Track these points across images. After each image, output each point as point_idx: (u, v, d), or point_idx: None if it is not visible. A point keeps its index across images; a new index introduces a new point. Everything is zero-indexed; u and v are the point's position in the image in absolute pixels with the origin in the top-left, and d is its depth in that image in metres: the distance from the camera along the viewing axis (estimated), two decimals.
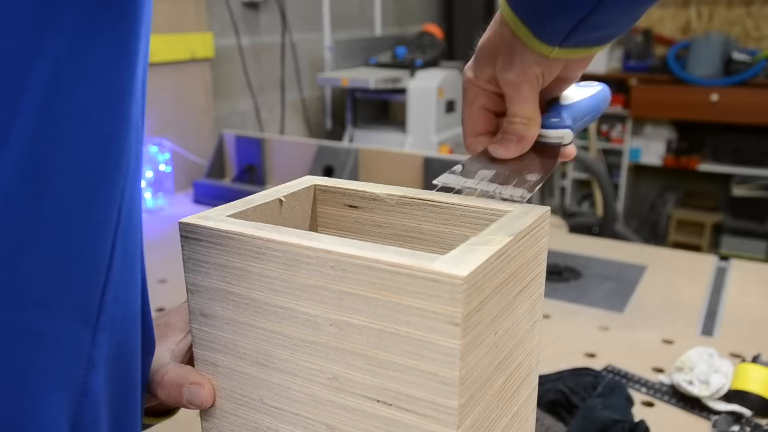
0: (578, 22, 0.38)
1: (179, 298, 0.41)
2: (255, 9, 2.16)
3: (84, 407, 0.30)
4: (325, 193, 0.46)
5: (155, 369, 0.40)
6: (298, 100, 2.39)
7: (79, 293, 0.29)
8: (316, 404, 0.36)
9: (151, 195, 1.70)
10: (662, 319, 1.10)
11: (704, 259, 1.39)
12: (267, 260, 0.35)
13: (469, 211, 0.41)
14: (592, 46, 0.41)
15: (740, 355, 0.96)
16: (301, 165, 1.67)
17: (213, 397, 0.40)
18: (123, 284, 0.32)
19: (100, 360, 0.31)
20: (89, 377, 0.30)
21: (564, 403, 0.84)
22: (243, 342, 0.37)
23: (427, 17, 3.22)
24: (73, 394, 0.29)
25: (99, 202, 0.29)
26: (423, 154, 1.51)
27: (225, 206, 0.40)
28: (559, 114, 0.45)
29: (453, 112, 2.41)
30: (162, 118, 1.81)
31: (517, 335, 0.37)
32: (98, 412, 0.31)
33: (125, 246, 0.32)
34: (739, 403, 0.82)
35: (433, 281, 0.30)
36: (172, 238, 1.48)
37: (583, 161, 2.54)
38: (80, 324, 0.29)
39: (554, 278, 1.28)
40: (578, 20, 0.38)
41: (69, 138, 0.27)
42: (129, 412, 0.35)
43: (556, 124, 0.45)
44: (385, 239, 0.44)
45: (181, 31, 1.83)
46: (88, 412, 0.30)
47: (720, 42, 3.22)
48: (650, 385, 0.90)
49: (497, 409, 0.36)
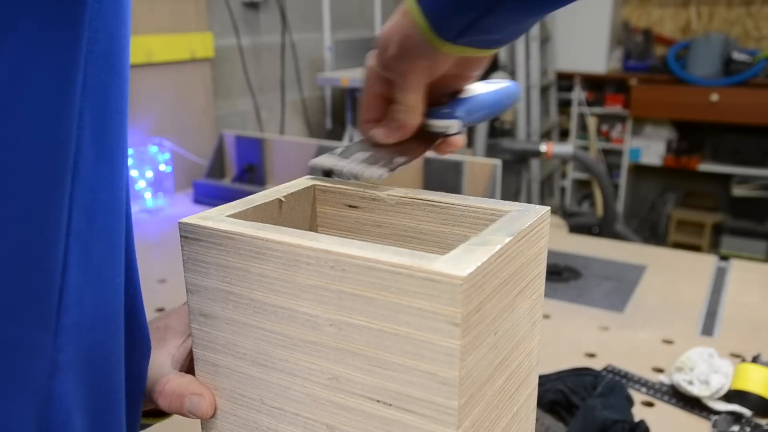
0: (472, 21, 0.41)
1: (179, 298, 0.41)
2: (255, 9, 2.16)
3: (51, 411, 0.30)
4: (325, 193, 0.46)
5: (156, 378, 0.40)
6: (298, 100, 2.39)
7: (33, 297, 0.29)
8: (316, 404, 0.36)
9: (151, 195, 1.70)
10: (662, 319, 1.10)
11: (704, 259, 1.39)
12: (267, 260, 0.35)
13: (469, 211, 0.41)
14: (480, 47, 0.44)
15: (740, 355, 0.96)
16: (301, 165, 1.67)
17: (214, 408, 0.40)
18: (88, 287, 0.32)
19: (66, 364, 0.31)
20: (54, 381, 0.30)
21: (564, 403, 0.84)
22: (243, 342, 0.37)
23: None
24: (37, 398, 0.30)
25: (41, 207, 0.28)
26: None
27: (225, 206, 0.40)
28: (451, 106, 0.48)
29: None
30: (162, 118, 1.81)
31: (517, 335, 0.37)
32: (68, 416, 0.31)
33: (86, 249, 0.31)
34: (739, 403, 0.82)
35: (433, 281, 0.30)
36: (172, 238, 1.48)
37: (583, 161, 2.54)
38: (38, 328, 0.29)
39: (554, 278, 1.28)
40: (472, 20, 0.41)
41: (7, 143, 0.27)
42: (110, 416, 0.35)
43: (444, 114, 0.47)
44: (385, 239, 0.44)
45: (181, 31, 1.83)
46: (56, 415, 0.30)
47: (720, 42, 3.22)
48: (650, 385, 0.90)
49: (497, 409, 0.36)
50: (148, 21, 1.74)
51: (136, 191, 1.68)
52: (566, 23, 3.58)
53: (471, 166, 1.42)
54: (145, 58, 1.72)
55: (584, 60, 3.61)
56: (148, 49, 1.72)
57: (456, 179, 1.42)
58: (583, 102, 3.66)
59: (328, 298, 0.33)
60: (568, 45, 3.62)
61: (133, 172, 1.67)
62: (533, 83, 3.25)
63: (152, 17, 1.75)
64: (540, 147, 2.47)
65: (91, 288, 0.32)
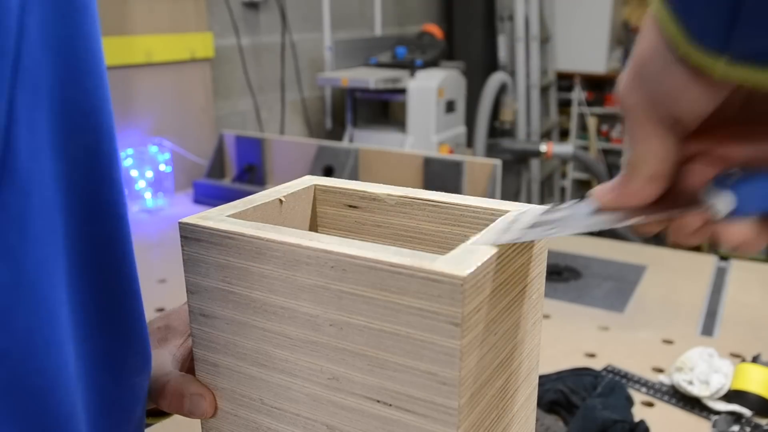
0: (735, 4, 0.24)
1: (179, 298, 0.40)
2: (255, 9, 2.16)
3: None
4: (325, 193, 0.46)
5: (157, 377, 0.40)
6: (298, 100, 2.39)
7: None
8: (316, 404, 0.36)
9: (151, 195, 1.70)
10: (662, 319, 1.10)
11: (704, 259, 1.39)
12: (267, 260, 0.35)
13: (469, 211, 0.41)
14: None
15: (740, 355, 0.96)
16: (301, 165, 1.67)
17: (214, 408, 0.39)
18: (8, 311, 0.27)
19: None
20: None
21: (564, 403, 0.84)
22: (243, 342, 0.37)
23: (427, 17, 3.22)
24: None
25: None
26: (423, 154, 1.51)
27: (225, 206, 0.40)
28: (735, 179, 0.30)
29: (453, 112, 2.41)
30: (162, 118, 1.81)
31: (517, 335, 0.37)
32: None
33: (15, 265, 0.27)
34: (739, 403, 0.82)
35: (433, 281, 0.30)
36: (172, 238, 1.48)
37: (583, 161, 2.54)
38: None
39: (554, 278, 1.28)
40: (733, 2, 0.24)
41: None
42: None
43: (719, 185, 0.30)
44: (385, 239, 0.44)
45: (181, 31, 1.83)
46: None
47: None
48: (650, 385, 0.90)
49: (497, 409, 0.36)
50: (148, 21, 1.74)
51: (136, 191, 1.68)
52: (566, 23, 3.59)
53: (471, 166, 1.42)
54: (145, 58, 1.72)
55: (584, 60, 3.61)
56: (148, 49, 1.73)
57: (456, 179, 1.42)
58: (583, 102, 3.66)
59: (328, 298, 0.33)
60: (568, 45, 3.62)
61: (133, 172, 1.67)
62: (533, 83, 3.25)
63: (152, 17, 1.75)
64: (540, 147, 2.47)
65: (14, 312, 0.28)
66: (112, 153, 0.33)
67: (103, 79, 0.32)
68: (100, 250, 0.33)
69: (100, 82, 0.32)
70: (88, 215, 0.32)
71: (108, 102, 0.33)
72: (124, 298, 0.36)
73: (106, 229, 0.34)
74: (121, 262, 0.35)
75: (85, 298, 0.33)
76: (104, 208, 0.33)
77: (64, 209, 0.30)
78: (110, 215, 0.34)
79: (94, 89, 0.31)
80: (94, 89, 0.32)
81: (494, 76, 2.76)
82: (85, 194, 0.32)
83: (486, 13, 3.27)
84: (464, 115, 2.54)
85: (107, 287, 0.34)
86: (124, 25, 1.68)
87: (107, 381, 0.35)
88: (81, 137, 0.31)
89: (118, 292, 0.35)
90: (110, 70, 1.44)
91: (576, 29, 3.56)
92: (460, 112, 2.48)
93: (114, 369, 0.35)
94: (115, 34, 1.66)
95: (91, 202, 0.32)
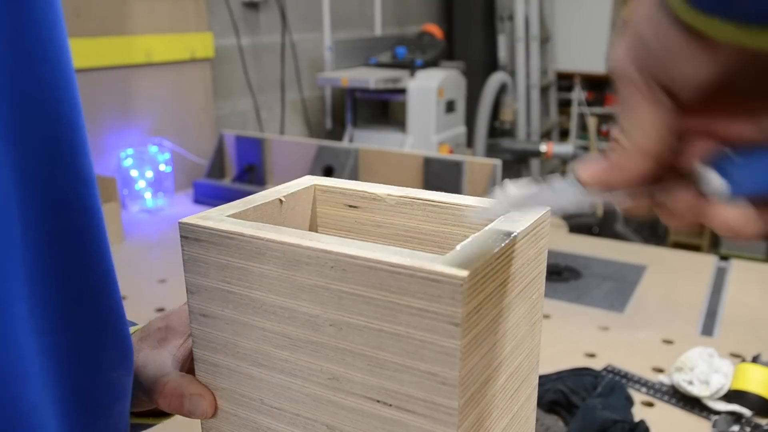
0: None
1: (179, 298, 0.40)
2: (255, 9, 2.16)
3: None
4: (325, 193, 0.46)
5: (157, 377, 0.40)
6: (298, 100, 2.39)
7: None
8: (316, 404, 0.36)
9: (151, 195, 1.70)
10: (662, 319, 1.10)
11: (704, 259, 1.39)
12: (267, 260, 0.35)
13: (468, 211, 0.41)
14: None
15: (740, 355, 0.96)
16: (301, 165, 1.67)
17: (214, 408, 0.39)
18: None
19: None
20: None
21: (564, 403, 0.84)
22: (243, 342, 0.37)
23: (427, 17, 3.22)
24: None
25: None
26: (423, 154, 1.51)
27: (225, 206, 0.40)
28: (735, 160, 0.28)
29: (453, 112, 2.41)
30: (162, 118, 1.81)
31: (517, 335, 0.37)
32: None
33: None
34: (739, 403, 0.82)
35: (433, 281, 0.30)
36: (172, 238, 1.48)
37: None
38: None
39: (554, 278, 1.28)
40: None
41: None
42: None
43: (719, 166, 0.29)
44: (385, 239, 0.44)
45: (181, 31, 1.83)
46: None
47: None
48: (650, 385, 0.90)
49: (497, 409, 0.36)
50: (148, 21, 1.74)
51: (136, 191, 1.68)
52: (566, 23, 3.59)
53: (471, 166, 1.42)
54: (145, 58, 1.72)
55: (584, 60, 3.61)
56: (148, 49, 1.73)
57: (456, 179, 1.42)
58: (583, 102, 3.66)
59: (328, 298, 0.33)
60: (568, 45, 3.62)
61: (133, 172, 1.67)
62: (533, 83, 3.25)
63: (152, 17, 1.75)
64: (540, 147, 2.47)
65: None
66: (76, 143, 0.32)
67: (62, 69, 0.31)
68: (65, 242, 0.32)
69: (59, 71, 0.31)
70: (50, 207, 0.31)
71: (70, 91, 0.32)
72: (96, 291, 0.35)
73: (72, 222, 0.33)
74: (91, 255, 0.34)
75: (51, 292, 0.32)
76: (69, 200, 0.32)
77: (21, 200, 0.29)
78: (76, 207, 0.33)
79: (51, 78, 0.30)
80: (51, 78, 0.30)
81: (494, 76, 2.76)
82: (45, 185, 0.31)
83: (486, 13, 3.27)
84: (464, 115, 2.54)
85: (76, 280, 0.33)
86: (124, 25, 1.68)
87: (80, 374, 0.34)
88: (38, 126, 0.30)
89: (88, 286, 0.34)
90: (110, 70, 1.45)
91: (576, 29, 3.56)
92: (460, 112, 2.48)
93: (88, 363, 0.35)
94: (115, 34, 1.66)
95: (52, 193, 0.31)
